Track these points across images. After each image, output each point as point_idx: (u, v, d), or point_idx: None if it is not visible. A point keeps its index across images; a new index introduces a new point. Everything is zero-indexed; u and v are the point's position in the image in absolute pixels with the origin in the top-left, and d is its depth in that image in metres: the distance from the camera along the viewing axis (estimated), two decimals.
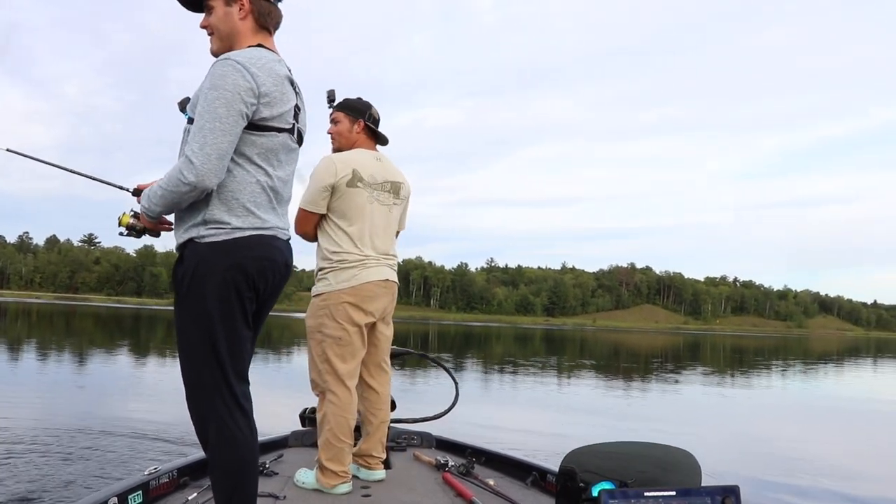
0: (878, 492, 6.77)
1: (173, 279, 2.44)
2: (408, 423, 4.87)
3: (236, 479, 2.38)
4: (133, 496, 3.16)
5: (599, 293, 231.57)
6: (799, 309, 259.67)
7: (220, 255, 2.36)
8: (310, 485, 3.64)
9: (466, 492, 3.56)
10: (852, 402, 15.97)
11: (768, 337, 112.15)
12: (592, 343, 49.36)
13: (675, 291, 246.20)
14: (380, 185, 3.77)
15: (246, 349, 2.46)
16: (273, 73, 2.41)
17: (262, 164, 2.43)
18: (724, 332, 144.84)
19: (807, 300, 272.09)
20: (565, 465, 2.53)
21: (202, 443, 2.42)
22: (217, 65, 2.35)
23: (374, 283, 3.68)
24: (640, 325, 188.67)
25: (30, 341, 22.40)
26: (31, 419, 8.06)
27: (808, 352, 47.91)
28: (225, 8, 2.50)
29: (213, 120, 2.28)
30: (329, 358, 3.60)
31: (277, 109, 2.42)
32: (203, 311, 2.36)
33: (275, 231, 2.49)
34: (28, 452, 6.32)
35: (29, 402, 9.63)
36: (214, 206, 2.37)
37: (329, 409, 3.59)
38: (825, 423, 12.29)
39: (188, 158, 2.28)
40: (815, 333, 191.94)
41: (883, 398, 17.68)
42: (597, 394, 14.82)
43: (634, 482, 2.36)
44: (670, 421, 11.02)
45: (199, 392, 2.40)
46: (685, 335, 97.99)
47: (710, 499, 2.17)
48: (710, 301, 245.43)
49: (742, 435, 10.27)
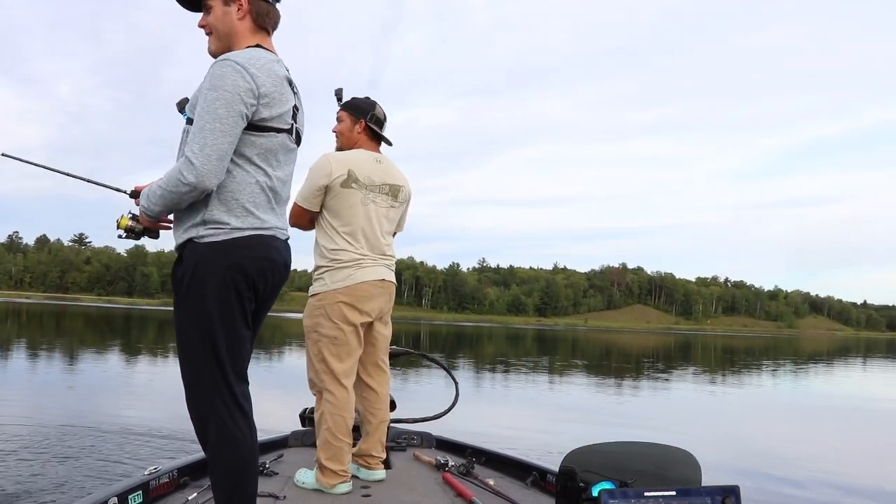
0: (869, 489, 6.79)
1: (172, 279, 2.43)
2: (408, 423, 4.87)
3: (236, 478, 2.39)
4: (133, 496, 3.16)
5: (591, 293, 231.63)
6: (789, 309, 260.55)
7: (219, 255, 2.36)
8: (310, 485, 3.64)
9: (466, 492, 3.56)
10: (841, 401, 16.08)
11: (758, 337, 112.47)
12: (584, 343, 49.43)
13: (666, 292, 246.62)
14: (377, 186, 3.77)
15: (245, 349, 2.47)
16: (272, 73, 2.41)
17: (262, 165, 2.44)
18: (715, 333, 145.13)
19: (797, 300, 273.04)
20: (565, 465, 2.52)
21: (202, 443, 2.43)
22: (216, 65, 2.35)
23: (370, 282, 3.68)
24: (631, 325, 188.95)
25: (19, 341, 22.29)
26: (22, 419, 8.01)
27: (798, 352, 48.09)
28: (223, 7, 2.50)
29: (213, 121, 2.28)
30: (325, 357, 3.61)
31: (277, 110, 2.42)
32: (203, 311, 2.36)
33: (274, 231, 2.49)
34: (21, 449, 6.30)
35: (19, 402, 9.58)
36: (214, 206, 2.37)
37: (326, 409, 3.60)
38: (816, 423, 12.35)
39: (188, 159, 2.28)
40: (806, 334, 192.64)
41: (871, 397, 17.81)
42: (588, 393, 14.86)
43: (634, 482, 2.36)
44: (661, 419, 11.07)
45: (199, 392, 2.40)
46: (676, 335, 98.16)
47: (710, 499, 2.17)
48: (701, 301, 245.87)
49: (733, 433, 10.31)
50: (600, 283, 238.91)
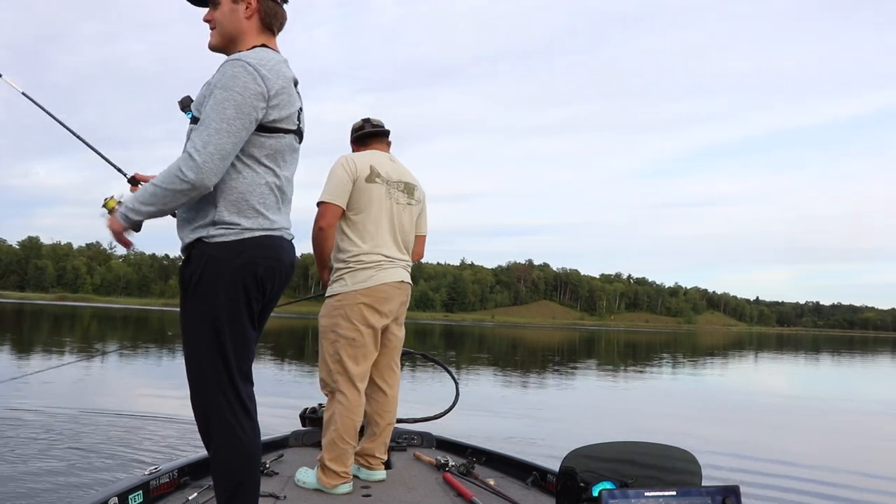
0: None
1: (180, 279, 2.42)
2: (408, 423, 4.89)
3: (238, 478, 2.39)
4: (133, 496, 3.16)
5: (498, 289, 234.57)
6: (688, 305, 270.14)
7: (230, 255, 2.35)
8: (310, 484, 3.67)
9: (467, 492, 3.59)
10: (734, 394, 16.78)
11: (659, 332, 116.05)
12: (491, 338, 49.87)
13: (571, 288, 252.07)
14: (395, 183, 3.85)
15: (251, 350, 2.46)
16: (282, 75, 2.41)
17: (271, 165, 2.44)
18: (619, 328, 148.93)
19: (696, 297, 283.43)
20: (566, 465, 2.52)
21: (205, 442, 2.43)
22: (228, 65, 2.33)
23: (390, 284, 3.73)
24: (537, 320, 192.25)
25: None
26: None
27: (697, 346, 49.77)
28: (231, 5, 2.48)
29: (220, 121, 2.26)
30: (341, 359, 3.64)
31: (286, 111, 2.42)
32: (211, 311, 2.35)
33: (282, 231, 2.50)
34: None
35: None
36: (224, 207, 2.35)
37: (337, 410, 3.62)
38: (709, 413, 12.75)
39: (190, 155, 2.24)
40: (703, 329, 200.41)
41: (761, 390, 18.66)
42: (492, 387, 14.94)
43: (634, 482, 2.38)
44: (557, 410, 11.32)
45: (204, 392, 2.39)
46: (581, 331, 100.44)
47: (711, 499, 2.20)
48: (605, 297, 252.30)
49: (633, 423, 10.53)
50: (507, 280, 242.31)
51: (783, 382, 22.11)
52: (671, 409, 12.66)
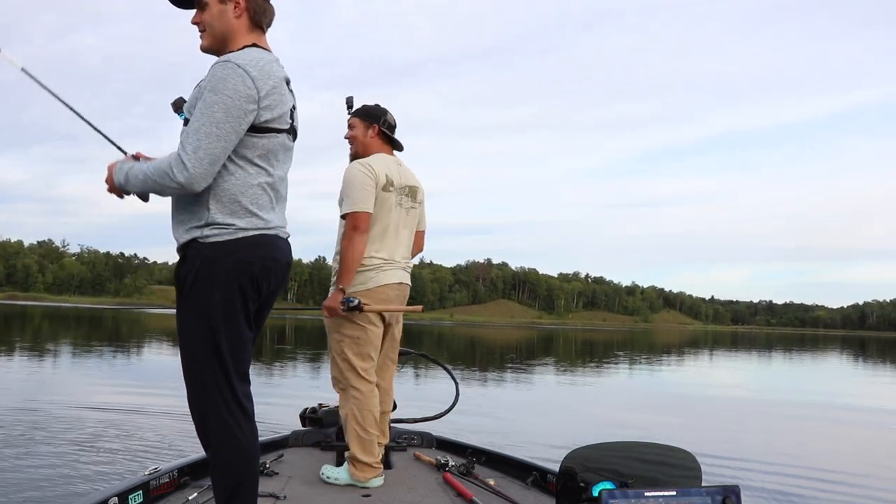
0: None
1: (176, 279, 2.42)
2: (408, 423, 4.89)
3: (237, 478, 2.38)
4: (133, 496, 3.16)
5: (457, 288, 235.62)
6: (645, 304, 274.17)
7: (225, 255, 2.33)
8: (343, 480, 3.69)
9: (467, 492, 3.59)
10: (689, 389, 17.25)
11: (617, 331, 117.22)
12: (450, 337, 49.86)
13: (529, 287, 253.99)
14: (401, 189, 3.89)
15: (248, 350, 2.44)
16: (272, 75, 2.39)
17: (263, 165, 2.42)
18: (577, 327, 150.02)
19: (653, 296, 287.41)
20: (566, 465, 2.52)
21: (203, 443, 2.41)
22: (218, 67, 2.31)
23: (390, 285, 3.81)
24: (496, 319, 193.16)
25: None
26: None
27: (653, 345, 50.38)
28: (220, 6, 2.44)
29: (210, 124, 2.24)
30: (348, 356, 3.73)
31: (277, 111, 2.40)
32: (207, 311, 2.33)
33: (276, 231, 2.47)
34: None
35: None
36: (217, 209, 2.34)
37: (354, 404, 3.70)
38: (663, 408, 12.93)
39: (181, 160, 2.23)
40: (660, 327, 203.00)
41: (714, 384, 19.24)
42: (447, 385, 14.96)
43: (634, 482, 2.37)
44: (513, 408, 11.38)
45: (201, 392, 2.38)
46: (539, 329, 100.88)
47: (711, 499, 2.22)
48: (563, 296, 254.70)
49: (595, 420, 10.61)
50: (466, 278, 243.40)
51: (737, 378, 22.59)
52: (628, 405, 12.88)
